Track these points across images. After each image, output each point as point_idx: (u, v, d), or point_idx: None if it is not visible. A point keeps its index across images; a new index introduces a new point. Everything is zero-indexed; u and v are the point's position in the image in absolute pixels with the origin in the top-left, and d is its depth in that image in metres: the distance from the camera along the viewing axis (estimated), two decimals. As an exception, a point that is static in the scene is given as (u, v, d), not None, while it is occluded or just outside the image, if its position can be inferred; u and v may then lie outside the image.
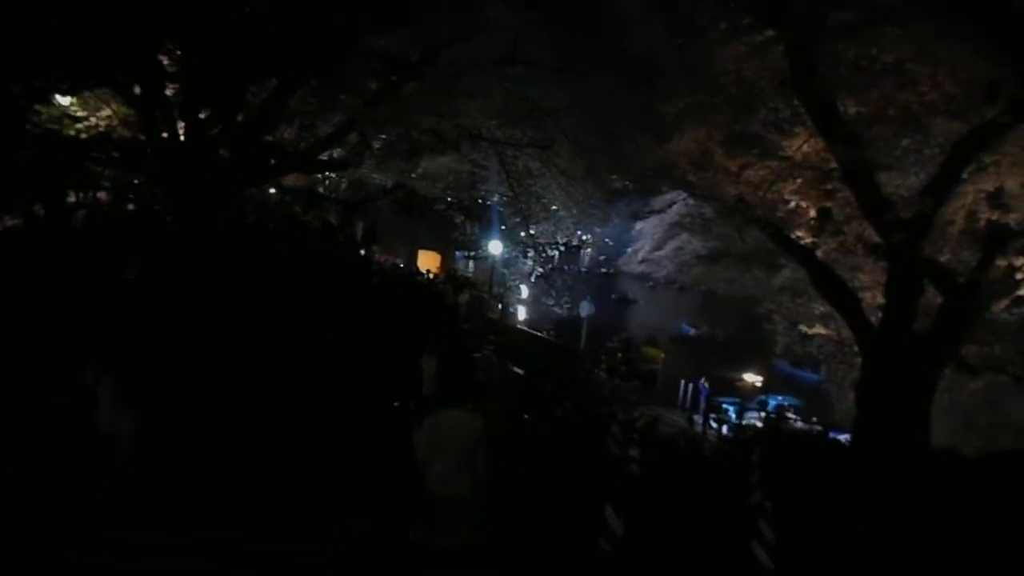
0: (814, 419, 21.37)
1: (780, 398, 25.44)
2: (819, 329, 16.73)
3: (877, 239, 11.72)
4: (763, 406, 24.75)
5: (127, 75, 10.15)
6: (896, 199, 9.49)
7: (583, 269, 47.49)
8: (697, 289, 49.14)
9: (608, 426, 10.07)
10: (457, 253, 26.95)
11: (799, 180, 12.54)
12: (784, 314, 17.06)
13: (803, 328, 16.17)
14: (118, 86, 10.67)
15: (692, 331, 44.34)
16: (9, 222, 11.06)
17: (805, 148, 11.89)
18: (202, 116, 10.74)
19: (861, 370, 10.69)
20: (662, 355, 33.19)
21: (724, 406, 25.52)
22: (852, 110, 9.71)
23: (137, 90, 10.58)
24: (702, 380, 26.01)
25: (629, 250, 59.73)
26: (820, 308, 16.71)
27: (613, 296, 55.83)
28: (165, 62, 10.66)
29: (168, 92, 10.92)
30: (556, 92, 17.65)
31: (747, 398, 20.65)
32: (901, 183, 9.85)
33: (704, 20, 12.58)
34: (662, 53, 15.30)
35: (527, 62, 16.29)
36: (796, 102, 12.54)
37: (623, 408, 14.58)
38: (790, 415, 23.60)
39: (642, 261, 57.53)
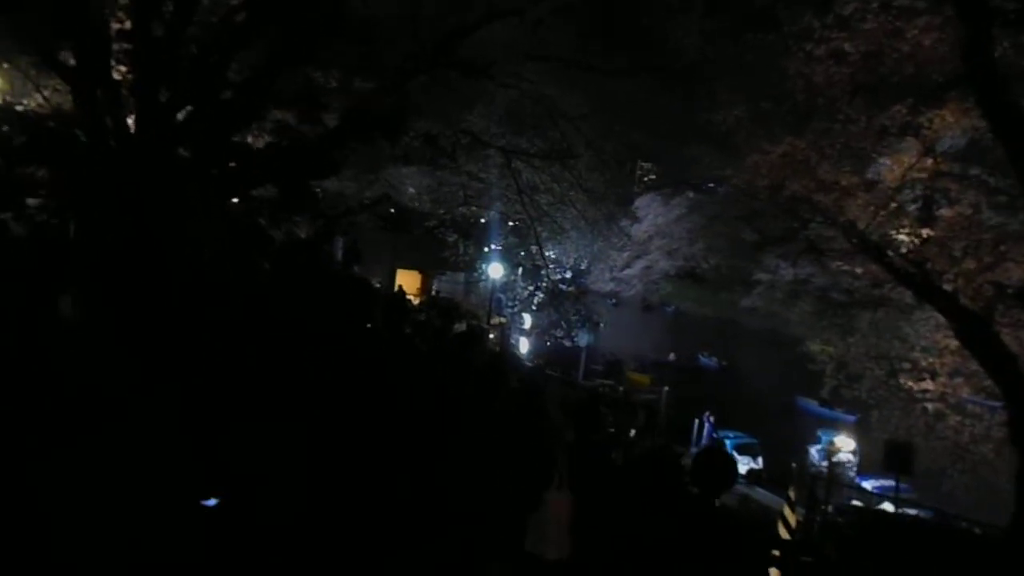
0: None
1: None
2: (873, 369, 14.76)
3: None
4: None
5: (58, 40, 7.34)
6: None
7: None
8: (674, 309, 47.48)
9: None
10: (440, 274, 24.22)
11: (895, 206, 10.44)
12: (835, 354, 15.06)
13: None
14: (46, 56, 7.79)
15: (713, 361, 42.37)
16: None
17: (917, 168, 9.80)
18: (163, 100, 7.91)
19: (1019, 453, 8.52)
20: (648, 381, 31.25)
21: (727, 441, 23.49)
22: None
23: (73, 62, 7.73)
24: (707, 413, 24.03)
25: (597, 268, 57.69)
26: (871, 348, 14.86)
27: (575, 318, 53.72)
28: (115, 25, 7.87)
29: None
30: (576, 94, 15.39)
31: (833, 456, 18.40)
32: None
33: (785, 14, 10.42)
34: (711, 53, 13.20)
35: (546, 57, 13.97)
36: (883, 114, 10.59)
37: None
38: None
39: (612, 279, 55.42)
